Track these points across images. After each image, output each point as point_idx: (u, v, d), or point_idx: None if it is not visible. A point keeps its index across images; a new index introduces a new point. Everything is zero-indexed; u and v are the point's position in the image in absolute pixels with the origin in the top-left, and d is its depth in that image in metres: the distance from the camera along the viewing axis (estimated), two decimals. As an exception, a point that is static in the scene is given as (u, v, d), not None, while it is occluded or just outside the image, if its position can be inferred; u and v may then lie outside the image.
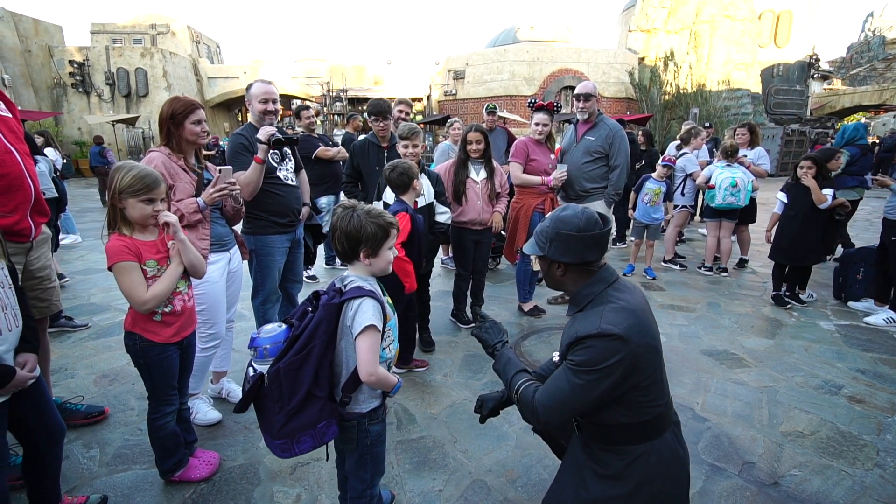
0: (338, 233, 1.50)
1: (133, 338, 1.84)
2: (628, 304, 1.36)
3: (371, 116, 3.48)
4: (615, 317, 1.31)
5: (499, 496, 2.03)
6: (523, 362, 3.21)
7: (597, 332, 1.29)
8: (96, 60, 19.90)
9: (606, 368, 1.28)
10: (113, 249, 1.70)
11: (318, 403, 1.44)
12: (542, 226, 1.50)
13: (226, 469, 2.17)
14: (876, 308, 4.09)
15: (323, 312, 1.43)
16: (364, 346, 1.42)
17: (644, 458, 1.37)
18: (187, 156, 2.30)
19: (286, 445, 1.44)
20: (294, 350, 1.40)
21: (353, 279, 1.52)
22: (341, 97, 23.10)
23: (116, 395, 2.79)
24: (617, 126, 3.78)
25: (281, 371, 1.39)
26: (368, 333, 1.41)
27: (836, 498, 2.02)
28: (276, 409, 1.41)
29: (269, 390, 1.41)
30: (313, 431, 1.45)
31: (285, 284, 3.16)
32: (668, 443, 1.41)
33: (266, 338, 1.47)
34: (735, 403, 2.75)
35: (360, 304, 1.44)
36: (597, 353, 1.29)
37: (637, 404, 1.35)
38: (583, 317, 1.39)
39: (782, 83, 21.81)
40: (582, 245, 1.40)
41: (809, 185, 4.09)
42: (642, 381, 1.33)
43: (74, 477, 2.10)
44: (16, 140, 1.92)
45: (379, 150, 3.49)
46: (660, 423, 1.40)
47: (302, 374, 1.40)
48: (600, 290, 1.41)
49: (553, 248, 1.43)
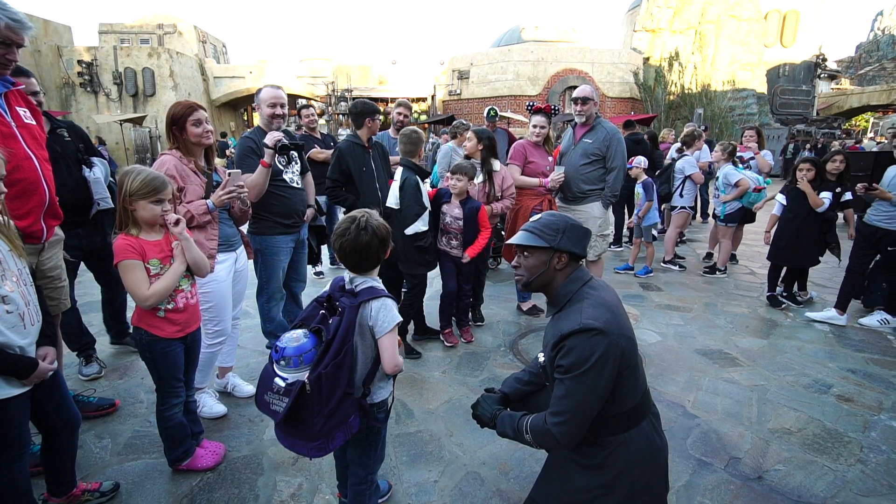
0: (350, 250, 1.57)
1: (140, 332, 1.94)
2: (603, 300, 1.45)
3: (360, 117, 3.48)
4: (594, 311, 1.40)
5: (492, 487, 2.12)
6: (520, 360, 3.33)
7: (579, 327, 1.37)
8: (104, 60, 20.14)
9: (596, 363, 1.34)
10: (119, 248, 1.81)
11: (350, 400, 1.53)
12: (542, 222, 1.57)
13: (231, 459, 2.27)
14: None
15: (350, 315, 1.51)
16: (389, 342, 1.56)
17: (623, 448, 1.46)
18: (197, 158, 2.40)
19: (322, 445, 1.50)
20: (332, 353, 1.46)
21: (364, 280, 1.62)
22: (346, 97, 23.22)
23: (126, 389, 2.90)
24: (614, 129, 3.85)
25: (322, 376, 1.45)
26: (395, 331, 1.56)
27: (817, 491, 2.09)
28: (315, 411, 1.47)
29: (310, 396, 1.46)
30: (345, 426, 1.53)
31: (289, 283, 3.26)
32: (646, 432, 1.49)
33: (293, 347, 1.49)
34: (725, 401, 2.82)
35: (383, 304, 1.57)
36: (582, 350, 1.35)
37: (617, 396, 1.43)
38: (563, 315, 1.48)
39: (788, 83, 21.72)
40: (586, 238, 1.59)
41: (804, 189, 4.12)
42: (624, 370, 1.41)
43: (88, 465, 2.22)
44: (36, 146, 2.02)
45: (364, 150, 3.47)
46: (637, 414, 1.48)
47: (340, 375, 1.48)
48: (577, 289, 1.52)
49: (566, 237, 1.52)
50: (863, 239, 3.89)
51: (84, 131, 3.00)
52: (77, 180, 2.72)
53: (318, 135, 5.20)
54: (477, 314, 3.98)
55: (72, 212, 2.70)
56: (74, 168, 2.72)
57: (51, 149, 2.59)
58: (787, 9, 22.09)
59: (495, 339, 3.71)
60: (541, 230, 1.55)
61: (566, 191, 4.00)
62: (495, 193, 3.76)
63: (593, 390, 1.37)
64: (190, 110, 2.30)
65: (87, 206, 2.79)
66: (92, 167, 2.79)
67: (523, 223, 3.90)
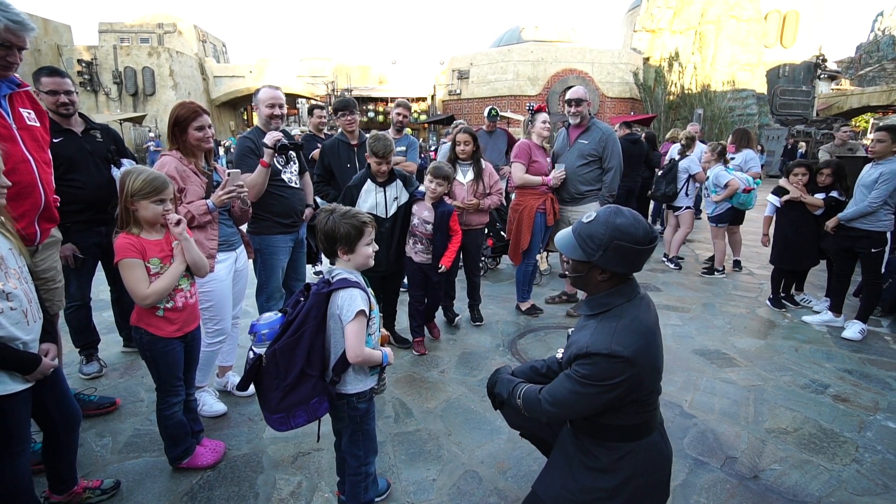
0: (318, 233, 1.70)
1: (139, 332, 1.96)
2: (641, 325, 1.38)
3: (337, 113, 3.57)
4: (626, 338, 1.33)
5: (489, 486, 2.13)
6: (519, 360, 3.34)
7: (607, 352, 1.32)
8: (104, 59, 20.16)
9: (610, 385, 1.34)
10: (120, 247, 1.82)
11: (311, 381, 1.64)
12: (589, 229, 1.40)
13: (231, 457, 2.29)
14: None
15: (313, 300, 1.62)
16: (352, 331, 1.60)
17: (632, 455, 1.45)
18: (197, 159, 2.42)
19: (283, 419, 1.65)
20: (288, 333, 1.60)
21: (340, 272, 1.69)
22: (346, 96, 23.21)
23: (127, 387, 2.92)
24: (609, 129, 3.90)
25: (277, 352, 1.59)
26: (358, 319, 1.60)
27: (812, 491, 2.11)
28: (273, 385, 1.62)
29: (267, 369, 1.62)
30: (307, 407, 1.65)
31: (288, 282, 3.27)
32: (655, 441, 1.50)
33: (264, 324, 1.68)
34: (722, 401, 2.83)
35: (349, 293, 1.62)
36: (602, 370, 1.34)
37: (632, 413, 1.43)
38: (594, 327, 1.41)
39: (788, 84, 21.73)
40: (639, 258, 1.39)
41: (795, 196, 4.09)
42: (642, 396, 1.41)
43: (88, 463, 2.23)
44: (37, 149, 2.02)
45: (349, 147, 3.51)
46: (649, 425, 1.49)
47: (296, 354, 1.60)
48: (618, 304, 1.42)
49: (606, 256, 1.37)
50: (843, 239, 3.84)
51: (118, 134, 3.11)
52: (106, 179, 2.83)
53: (323, 135, 5.21)
54: (476, 314, 4.00)
55: (98, 209, 2.80)
56: (104, 167, 2.84)
57: (82, 148, 2.73)
58: (787, 9, 22.11)
59: (494, 339, 3.73)
60: (584, 239, 1.41)
61: (563, 192, 4.02)
62: (484, 190, 3.79)
63: (592, 402, 1.39)
64: (195, 115, 2.31)
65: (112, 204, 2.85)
66: (121, 167, 2.87)
67: (528, 223, 3.99)
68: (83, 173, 2.70)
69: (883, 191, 3.48)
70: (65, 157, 2.60)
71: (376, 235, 1.77)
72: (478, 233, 3.86)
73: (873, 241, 3.64)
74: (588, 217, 1.44)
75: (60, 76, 2.66)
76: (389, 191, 3.20)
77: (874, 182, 3.54)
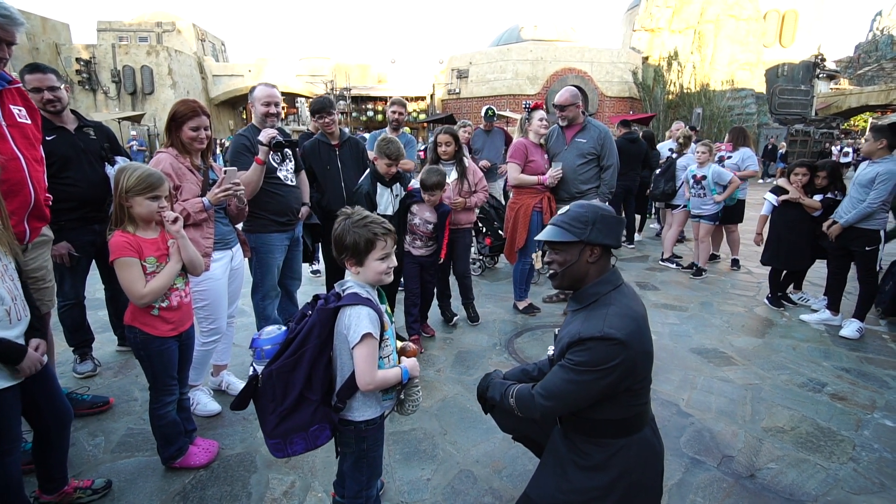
0: (333, 240, 1.53)
1: (133, 331, 1.94)
2: (631, 311, 1.40)
3: (314, 115, 3.48)
4: (619, 322, 1.35)
5: (484, 485, 2.12)
6: (516, 359, 3.33)
7: (600, 334, 1.34)
8: (103, 58, 20.12)
9: (605, 370, 1.34)
10: (116, 245, 1.80)
11: (311, 407, 1.47)
12: (571, 215, 1.49)
13: (224, 457, 2.27)
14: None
15: (317, 316, 1.44)
16: (361, 355, 1.41)
17: (624, 451, 1.45)
18: (193, 156, 2.40)
19: (279, 445, 1.49)
20: (287, 353, 1.43)
21: (351, 285, 1.50)
22: (345, 96, 23.21)
23: (121, 387, 2.90)
24: (605, 128, 3.91)
25: (273, 373, 1.43)
26: (366, 342, 1.41)
27: (808, 489, 2.10)
28: (269, 408, 1.46)
29: (263, 391, 1.45)
30: (305, 434, 1.48)
31: (284, 281, 3.26)
32: (647, 437, 1.49)
33: (266, 339, 1.51)
34: (720, 400, 2.82)
35: (356, 311, 1.42)
36: (597, 354, 1.34)
37: (626, 403, 1.43)
38: (585, 316, 1.42)
39: (787, 83, 21.70)
40: (619, 228, 1.54)
41: (793, 197, 4.08)
42: (635, 384, 1.41)
43: (80, 463, 2.21)
44: (27, 146, 1.99)
45: (330, 148, 3.45)
46: (641, 420, 1.48)
47: (294, 376, 1.43)
48: (606, 292, 1.46)
49: (596, 230, 1.44)
50: (838, 239, 3.83)
51: (111, 131, 3.08)
52: (100, 177, 2.81)
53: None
54: (471, 312, 3.98)
55: (93, 207, 2.78)
56: (98, 165, 2.81)
57: (75, 146, 2.70)
58: (786, 9, 22.08)
59: (491, 337, 3.71)
60: (569, 223, 1.47)
61: (562, 191, 4.01)
62: (470, 188, 3.78)
63: (589, 390, 1.37)
64: (193, 114, 2.29)
65: (108, 202, 2.83)
66: (115, 165, 2.84)
67: (525, 222, 3.97)
68: (77, 171, 2.68)
69: (882, 191, 3.48)
70: (58, 155, 2.58)
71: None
72: (465, 232, 3.86)
73: (867, 240, 3.64)
74: (562, 210, 1.55)
75: (42, 72, 2.58)
76: (394, 190, 3.31)
77: (870, 181, 3.54)
